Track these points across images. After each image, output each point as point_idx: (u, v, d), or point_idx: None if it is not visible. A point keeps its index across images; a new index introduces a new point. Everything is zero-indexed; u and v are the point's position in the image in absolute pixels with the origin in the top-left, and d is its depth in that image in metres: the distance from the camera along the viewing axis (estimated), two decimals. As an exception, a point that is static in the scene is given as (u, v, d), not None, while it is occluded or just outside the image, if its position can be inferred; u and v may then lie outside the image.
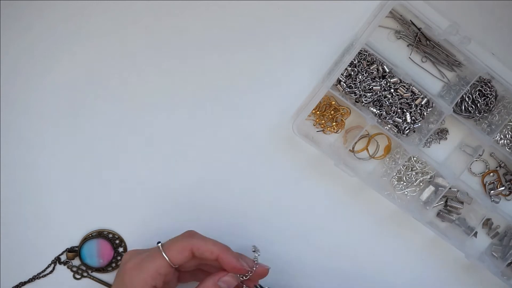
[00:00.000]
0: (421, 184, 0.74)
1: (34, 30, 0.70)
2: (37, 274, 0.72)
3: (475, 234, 0.75)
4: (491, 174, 0.75)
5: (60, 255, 0.73)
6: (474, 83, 0.71)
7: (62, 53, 0.70)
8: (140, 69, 0.71)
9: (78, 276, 0.73)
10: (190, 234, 0.62)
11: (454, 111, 0.70)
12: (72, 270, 0.73)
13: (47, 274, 0.73)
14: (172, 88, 0.72)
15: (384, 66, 0.70)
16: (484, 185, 0.75)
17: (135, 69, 0.71)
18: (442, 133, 0.74)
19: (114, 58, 0.71)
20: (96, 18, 0.70)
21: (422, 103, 0.70)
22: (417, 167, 0.73)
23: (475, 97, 0.71)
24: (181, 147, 0.73)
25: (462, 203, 0.74)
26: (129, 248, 0.74)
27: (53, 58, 0.70)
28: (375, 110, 0.70)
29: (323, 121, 0.73)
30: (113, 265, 0.73)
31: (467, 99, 0.71)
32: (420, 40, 0.71)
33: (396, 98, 0.70)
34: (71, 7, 0.69)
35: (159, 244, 0.60)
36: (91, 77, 0.71)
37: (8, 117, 0.71)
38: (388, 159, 0.74)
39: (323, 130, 0.73)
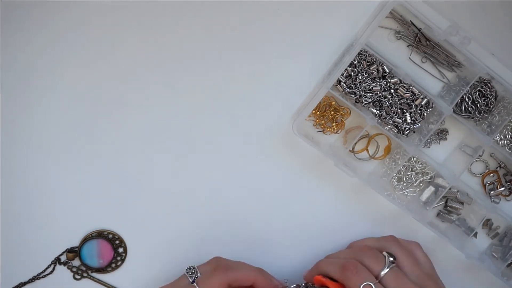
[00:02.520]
0: (421, 184, 0.74)
1: (41, 36, 0.70)
2: (37, 275, 0.72)
3: (475, 235, 0.75)
4: (491, 174, 0.75)
5: (60, 255, 0.73)
6: (474, 84, 0.71)
7: (68, 58, 0.70)
8: (140, 70, 0.71)
9: (78, 277, 0.73)
10: (222, 267, 0.61)
11: (454, 111, 0.70)
12: (72, 271, 0.73)
13: (47, 274, 0.73)
14: (171, 89, 0.72)
15: (384, 67, 0.70)
16: (484, 186, 0.75)
17: (135, 69, 0.71)
18: (442, 134, 0.74)
19: (115, 60, 0.71)
20: (98, 26, 0.70)
21: (422, 103, 0.70)
22: (417, 168, 0.73)
23: (475, 97, 0.71)
24: (181, 148, 0.73)
25: (462, 203, 0.74)
26: (129, 249, 0.74)
27: (58, 64, 0.70)
28: (375, 111, 0.70)
29: (323, 122, 0.73)
30: (113, 265, 0.73)
31: (467, 99, 0.71)
32: (420, 41, 0.71)
33: (396, 98, 0.70)
34: (76, 13, 0.70)
35: (195, 284, 0.59)
36: (94, 82, 0.71)
37: (9, 117, 0.71)
38: (388, 160, 0.74)
39: (323, 131, 0.73)
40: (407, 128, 0.71)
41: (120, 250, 0.73)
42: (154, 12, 0.70)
